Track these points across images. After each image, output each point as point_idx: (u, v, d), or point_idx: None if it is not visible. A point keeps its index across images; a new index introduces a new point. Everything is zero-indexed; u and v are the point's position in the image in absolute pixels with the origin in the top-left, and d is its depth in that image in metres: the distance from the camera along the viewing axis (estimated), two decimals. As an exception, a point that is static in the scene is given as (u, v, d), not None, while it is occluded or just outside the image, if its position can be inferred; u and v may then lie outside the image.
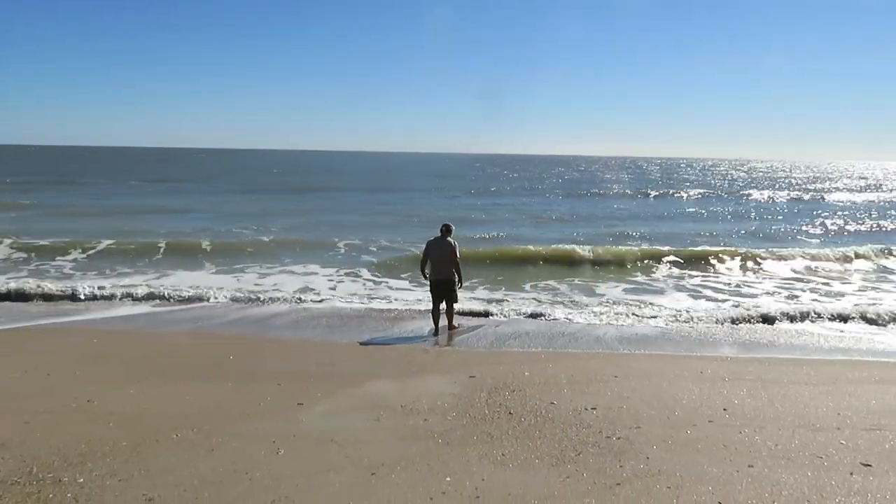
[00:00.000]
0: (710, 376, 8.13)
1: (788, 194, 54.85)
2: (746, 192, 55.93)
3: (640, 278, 16.53)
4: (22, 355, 8.81)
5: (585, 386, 7.61)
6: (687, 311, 12.43)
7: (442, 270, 10.69)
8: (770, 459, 5.57)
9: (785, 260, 19.06)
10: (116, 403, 6.82)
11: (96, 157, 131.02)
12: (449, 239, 10.71)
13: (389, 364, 8.74)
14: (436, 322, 10.91)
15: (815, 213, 38.28)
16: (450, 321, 10.92)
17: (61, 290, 13.15)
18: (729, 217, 35.54)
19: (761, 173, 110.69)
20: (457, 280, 10.79)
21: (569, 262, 18.24)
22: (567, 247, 19.84)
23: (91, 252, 18.20)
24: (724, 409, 6.83)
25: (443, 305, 10.92)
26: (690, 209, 39.98)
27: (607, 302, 13.43)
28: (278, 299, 13.09)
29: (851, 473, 5.33)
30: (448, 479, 5.14)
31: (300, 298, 13.23)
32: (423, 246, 11.14)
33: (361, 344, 10.06)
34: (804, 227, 30.06)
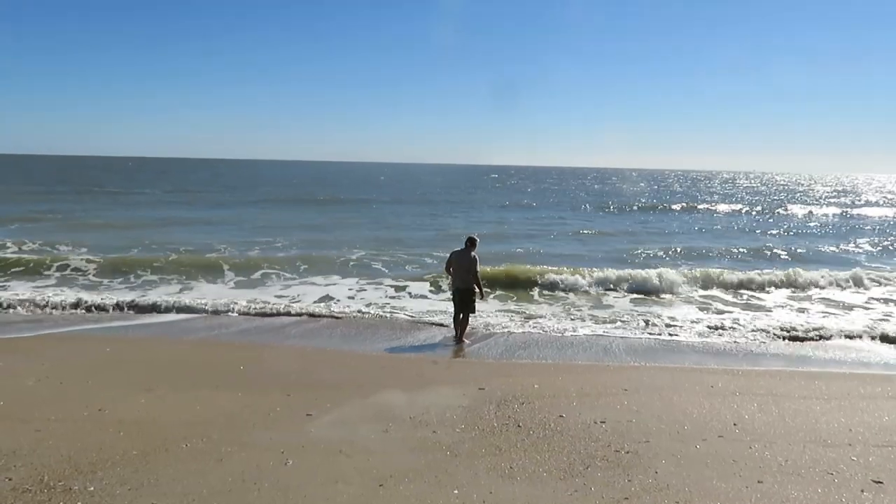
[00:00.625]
0: (721, 390, 8.08)
1: (828, 208, 52.44)
2: (785, 206, 53.48)
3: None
4: (37, 363, 8.88)
5: (595, 399, 7.59)
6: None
7: (463, 280, 11.01)
8: (780, 475, 5.53)
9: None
10: (127, 412, 6.87)
11: (110, 166, 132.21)
12: (472, 252, 11.00)
13: (399, 375, 8.75)
14: (456, 329, 11.25)
15: (865, 228, 36.58)
16: (462, 331, 11.15)
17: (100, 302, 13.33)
18: (782, 233, 34.07)
19: (784, 185, 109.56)
20: (477, 291, 11.02)
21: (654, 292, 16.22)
22: (645, 272, 17.18)
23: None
24: (735, 424, 6.79)
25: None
26: (743, 224, 37.95)
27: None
28: (294, 309, 13.17)
29: (862, 490, 5.28)
30: (456, 491, 5.14)
31: (316, 308, 13.29)
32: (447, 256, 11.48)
33: (372, 354, 10.12)
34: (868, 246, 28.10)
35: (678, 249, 24.65)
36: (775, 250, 25.19)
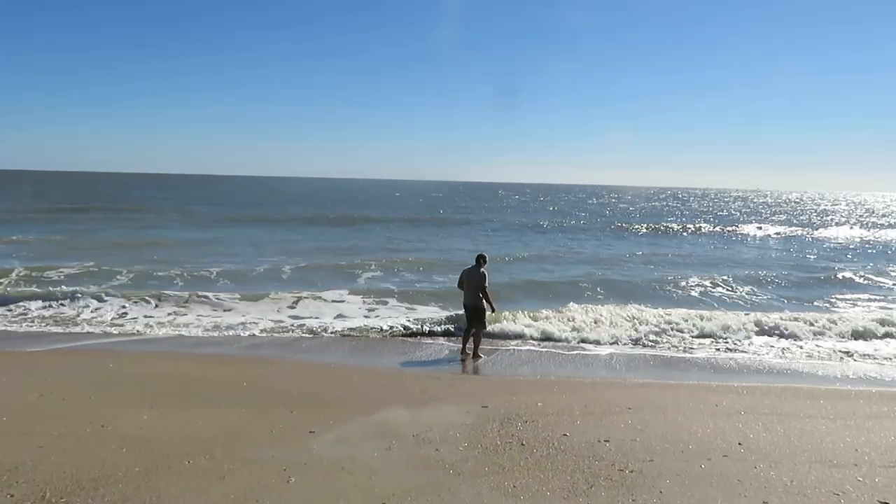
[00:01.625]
0: (726, 409, 8.04)
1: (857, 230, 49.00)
2: (821, 228, 50.73)
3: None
4: (40, 378, 8.89)
5: (599, 417, 7.56)
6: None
7: (472, 297, 11.21)
8: (785, 496, 5.48)
9: None
10: (130, 428, 6.86)
11: (110, 183, 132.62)
12: (482, 270, 11.19)
13: (402, 392, 8.73)
14: (464, 343, 11.37)
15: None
16: (475, 348, 11.23)
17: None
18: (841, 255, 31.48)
19: (795, 204, 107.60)
20: (487, 306, 11.19)
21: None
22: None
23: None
24: (739, 443, 6.75)
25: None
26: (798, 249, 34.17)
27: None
28: (302, 325, 13.16)
29: (869, 511, 5.23)
30: (458, 510, 5.11)
31: (323, 325, 13.25)
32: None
33: (376, 371, 10.11)
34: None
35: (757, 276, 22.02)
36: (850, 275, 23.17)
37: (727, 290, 19.93)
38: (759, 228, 48.66)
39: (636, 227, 45.96)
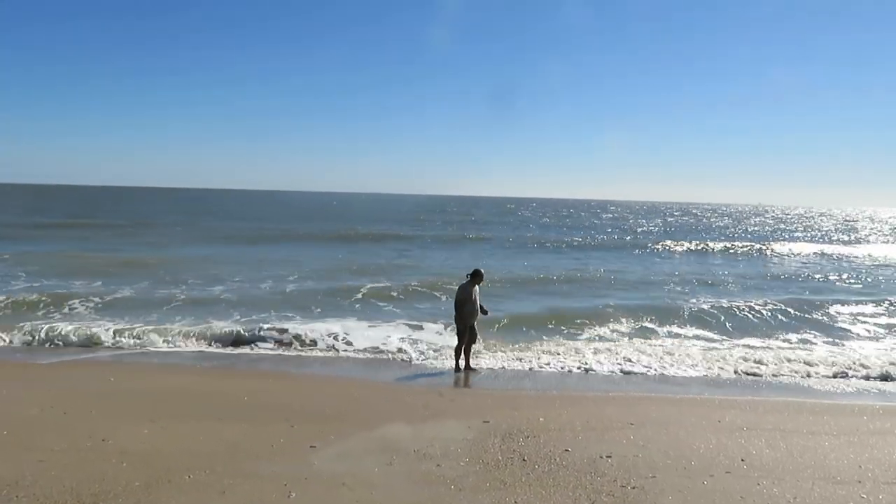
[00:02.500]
0: (728, 425, 8.00)
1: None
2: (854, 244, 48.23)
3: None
4: (41, 391, 8.90)
5: (601, 433, 7.53)
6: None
7: (467, 313, 11.21)
8: (789, 513, 5.45)
9: None
10: (130, 442, 6.84)
11: (109, 196, 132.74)
12: (476, 285, 11.31)
13: (404, 407, 8.71)
14: (457, 358, 11.36)
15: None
16: (466, 361, 11.33)
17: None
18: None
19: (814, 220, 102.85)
20: (479, 316, 11.36)
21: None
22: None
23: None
24: (742, 460, 6.72)
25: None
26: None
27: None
28: (304, 342, 13.07)
29: (873, 529, 5.19)
30: (460, 526, 5.08)
31: (325, 341, 13.15)
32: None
33: (377, 385, 10.08)
34: None
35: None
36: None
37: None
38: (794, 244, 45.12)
39: (673, 245, 42.50)
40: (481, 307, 11.38)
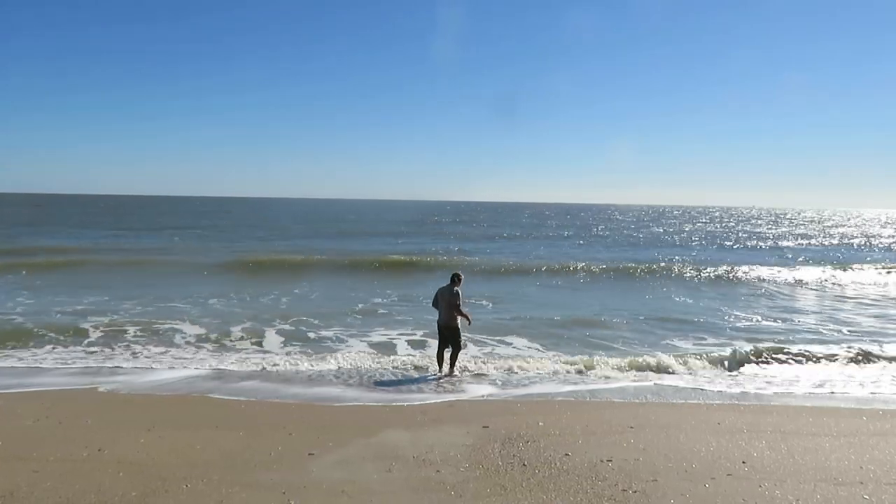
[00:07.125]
0: (728, 427, 7.97)
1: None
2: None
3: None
4: (36, 402, 8.81)
5: (601, 437, 7.49)
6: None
7: (446, 316, 11.16)
8: (792, 515, 5.42)
9: None
10: (127, 452, 6.78)
11: (108, 204, 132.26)
12: (456, 288, 11.14)
13: (402, 414, 8.66)
14: (439, 363, 11.33)
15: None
16: (451, 366, 11.24)
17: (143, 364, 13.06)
18: None
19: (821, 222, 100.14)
20: (463, 320, 11.15)
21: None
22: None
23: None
24: (743, 462, 6.68)
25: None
26: None
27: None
28: (303, 352, 12.94)
29: (877, 531, 5.15)
30: (461, 533, 5.03)
31: (325, 351, 12.95)
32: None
33: (375, 393, 9.99)
34: None
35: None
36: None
37: None
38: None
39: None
40: (464, 316, 11.00)
